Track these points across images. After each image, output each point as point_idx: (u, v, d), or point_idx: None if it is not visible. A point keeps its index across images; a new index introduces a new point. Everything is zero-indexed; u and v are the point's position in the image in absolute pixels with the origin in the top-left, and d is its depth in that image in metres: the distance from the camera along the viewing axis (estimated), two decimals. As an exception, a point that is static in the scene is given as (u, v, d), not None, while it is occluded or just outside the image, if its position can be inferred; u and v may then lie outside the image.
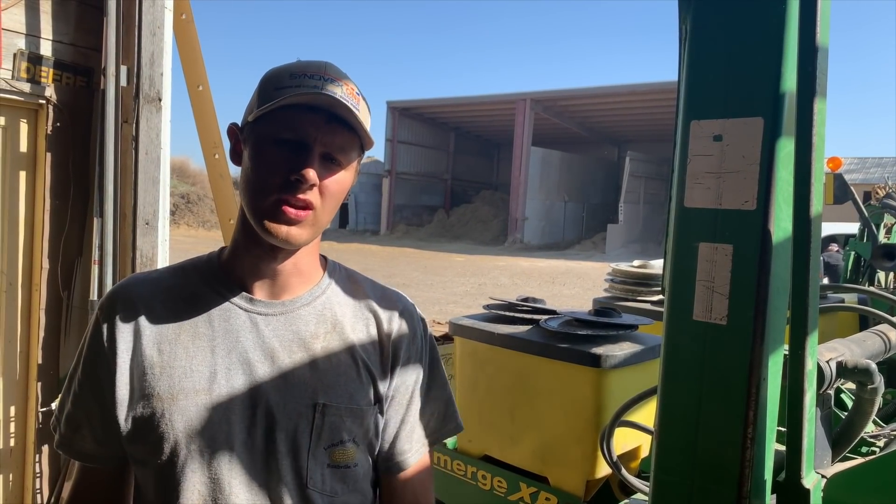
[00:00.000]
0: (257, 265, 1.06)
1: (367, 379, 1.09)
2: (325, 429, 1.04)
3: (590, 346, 1.77)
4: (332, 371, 1.06)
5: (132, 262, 2.80)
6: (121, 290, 1.07)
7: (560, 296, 15.48)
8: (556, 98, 29.56)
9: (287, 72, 1.01)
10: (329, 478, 1.05)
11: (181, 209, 35.73)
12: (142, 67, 2.74)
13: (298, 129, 0.98)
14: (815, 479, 1.00)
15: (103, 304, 1.06)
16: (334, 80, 1.00)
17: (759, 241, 0.96)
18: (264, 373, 1.03)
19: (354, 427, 1.07)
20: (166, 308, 1.05)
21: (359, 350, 1.09)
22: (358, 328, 1.11)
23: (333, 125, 0.99)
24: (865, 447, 1.73)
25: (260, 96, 1.01)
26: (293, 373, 1.04)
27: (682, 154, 1.04)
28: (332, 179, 1.01)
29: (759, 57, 0.96)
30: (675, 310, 1.03)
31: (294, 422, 1.03)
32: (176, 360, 1.01)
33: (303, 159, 0.98)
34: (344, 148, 1.02)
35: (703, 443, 1.00)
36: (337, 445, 1.05)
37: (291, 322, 1.07)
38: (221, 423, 1.00)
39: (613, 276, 2.79)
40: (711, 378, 0.99)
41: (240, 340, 1.04)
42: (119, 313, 1.04)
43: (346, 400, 1.06)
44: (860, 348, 1.65)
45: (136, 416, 1.01)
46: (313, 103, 0.98)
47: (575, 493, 1.81)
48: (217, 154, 3.11)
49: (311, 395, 1.04)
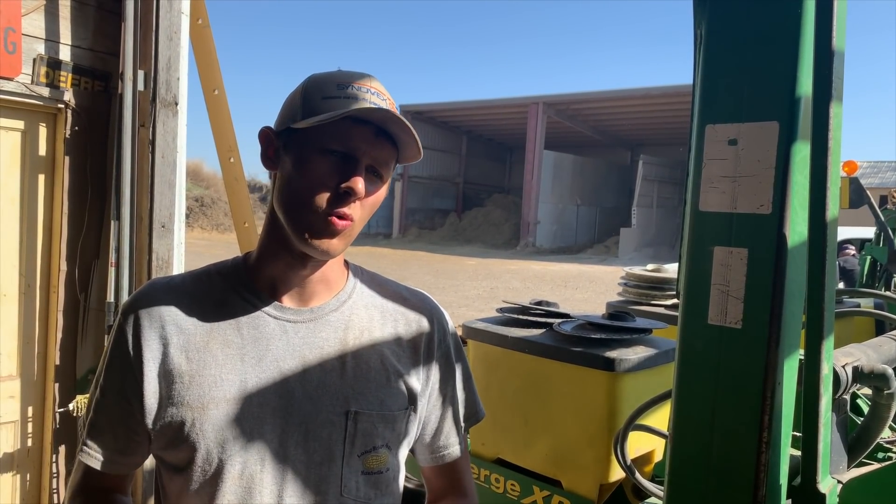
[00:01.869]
0: (286, 273, 1.05)
1: (398, 382, 1.09)
2: (358, 436, 1.04)
3: (603, 350, 1.77)
4: (362, 377, 1.06)
5: (148, 265, 2.83)
6: (144, 297, 1.05)
7: (572, 300, 15.44)
8: (568, 101, 29.51)
9: (333, 81, 1.00)
10: (363, 484, 1.05)
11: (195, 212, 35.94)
12: (158, 72, 2.76)
13: (348, 141, 0.98)
14: (830, 484, 0.99)
15: (126, 310, 1.05)
16: (379, 93, 1.01)
17: (774, 244, 0.96)
18: (296, 381, 1.02)
19: (387, 432, 1.07)
20: (193, 315, 1.03)
21: (388, 353, 1.10)
22: (386, 331, 1.11)
23: (381, 139, 0.99)
24: (882, 453, 1.72)
25: (305, 104, 1.00)
26: (324, 381, 1.04)
27: (696, 158, 1.04)
28: (373, 194, 1.02)
29: (774, 61, 0.96)
30: (689, 313, 1.03)
31: (327, 430, 1.02)
32: (205, 368, 1.00)
33: (352, 171, 0.97)
34: (388, 162, 1.02)
35: (717, 447, 1.00)
36: (370, 452, 1.06)
37: (320, 329, 1.06)
38: (253, 432, 1.00)
39: (627, 280, 2.78)
40: (726, 382, 0.99)
41: (270, 349, 1.03)
42: (144, 320, 1.02)
43: (377, 406, 1.06)
44: (876, 353, 1.64)
45: (164, 425, 1.00)
46: (369, 117, 0.98)
47: (588, 496, 1.81)
48: (232, 158, 3.14)
49: (343, 402, 1.04)
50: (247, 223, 3.15)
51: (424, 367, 1.13)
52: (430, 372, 1.14)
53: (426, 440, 1.18)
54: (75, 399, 2.78)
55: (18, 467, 2.88)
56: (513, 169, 38.44)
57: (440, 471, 1.21)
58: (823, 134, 0.91)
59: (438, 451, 1.19)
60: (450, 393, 1.18)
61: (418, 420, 1.13)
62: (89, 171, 2.86)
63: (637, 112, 28.74)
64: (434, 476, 1.22)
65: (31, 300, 2.86)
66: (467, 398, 1.21)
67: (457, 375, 1.19)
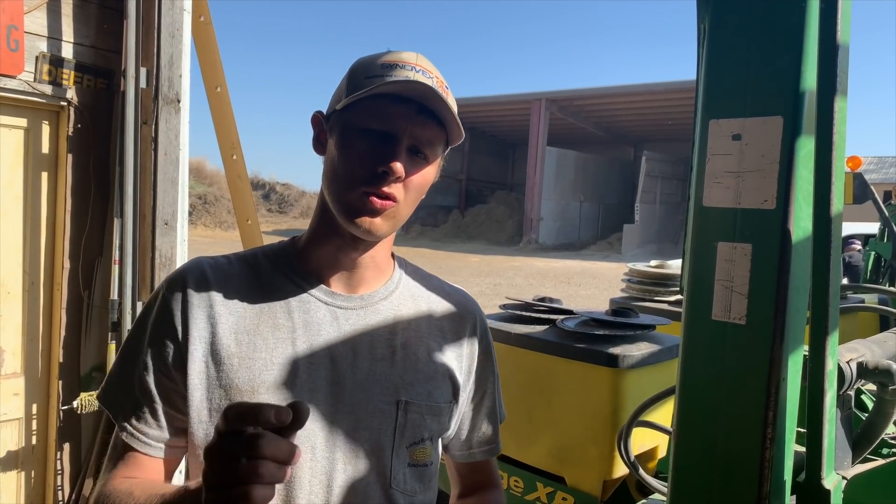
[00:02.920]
0: (336, 256, 1.03)
1: (445, 375, 1.09)
2: (407, 427, 1.03)
3: (607, 347, 1.77)
4: (411, 368, 1.05)
5: (151, 263, 2.83)
6: (191, 272, 1.01)
7: (576, 296, 15.43)
8: (571, 98, 29.45)
9: (378, 61, 0.98)
10: (409, 477, 1.04)
11: (198, 209, 35.98)
12: (161, 69, 2.77)
13: (387, 119, 0.95)
14: (835, 479, 0.99)
15: (172, 284, 1.00)
16: (425, 71, 0.97)
17: (778, 240, 0.95)
18: (346, 369, 1.00)
19: (433, 425, 1.07)
20: (240, 296, 1.00)
21: (434, 346, 1.09)
22: (432, 324, 1.11)
23: (423, 117, 0.97)
24: (886, 448, 1.71)
25: (349, 84, 0.98)
26: (375, 369, 1.02)
27: (700, 153, 1.03)
28: (417, 174, 0.99)
29: (778, 55, 0.96)
30: (693, 309, 1.02)
31: (377, 420, 1.01)
32: (256, 351, 0.97)
33: (390, 151, 0.95)
34: (432, 142, 0.99)
35: (721, 443, 1.00)
36: (417, 444, 1.04)
37: (370, 317, 1.04)
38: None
39: (630, 277, 2.78)
40: (730, 378, 0.99)
41: (321, 334, 1.00)
42: (192, 297, 0.98)
43: (425, 397, 1.05)
44: (881, 349, 1.64)
45: (211, 407, 0.96)
46: (405, 93, 0.95)
47: (592, 493, 1.81)
48: (235, 155, 3.14)
49: (394, 392, 1.02)
50: (250, 220, 3.15)
51: (467, 362, 1.13)
52: (471, 368, 1.14)
53: (463, 436, 1.17)
54: (79, 396, 2.79)
55: (23, 465, 2.89)
56: (516, 165, 38.40)
57: (475, 466, 1.21)
58: (828, 129, 0.91)
59: (476, 447, 1.19)
60: (489, 390, 1.18)
61: (458, 416, 1.13)
62: (92, 168, 2.87)
63: (640, 108, 28.66)
64: (468, 472, 1.22)
65: (34, 298, 2.87)
66: (497, 398, 1.22)
67: (495, 373, 1.20)
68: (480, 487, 1.21)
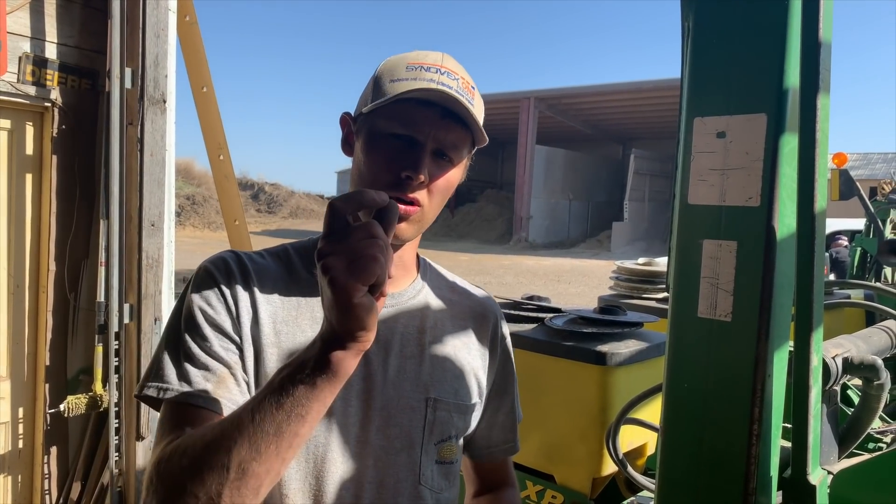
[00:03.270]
0: None
1: (471, 374, 1.10)
2: (436, 424, 1.04)
3: (595, 344, 1.77)
4: (439, 366, 1.06)
5: (138, 264, 2.81)
6: (235, 257, 1.00)
7: (566, 294, 15.46)
8: (560, 96, 29.50)
9: (403, 63, 0.98)
10: (436, 474, 1.05)
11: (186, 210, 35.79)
12: (146, 69, 2.75)
13: (412, 124, 0.96)
14: (821, 475, 0.99)
15: (215, 263, 0.97)
16: (450, 72, 0.98)
17: (763, 237, 0.95)
18: (378, 366, 1.01)
19: (459, 423, 1.08)
20: (277, 288, 0.99)
21: (460, 345, 1.11)
22: (457, 323, 1.12)
23: (447, 121, 0.97)
24: (872, 443, 1.73)
25: (375, 88, 0.98)
26: (404, 367, 1.03)
27: (685, 151, 1.04)
28: (442, 178, 0.99)
29: (761, 53, 0.96)
30: (679, 307, 1.03)
31: (408, 416, 1.02)
32: (295, 343, 0.96)
33: (415, 157, 0.95)
34: (457, 145, 1.00)
35: (708, 440, 1.00)
36: (445, 441, 1.06)
37: (400, 316, 1.06)
38: (338, 413, 0.97)
39: (618, 274, 2.78)
40: (716, 375, 0.99)
41: None
42: (238, 278, 0.97)
43: (452, 395, 1.06)
44: (866, 344, 1.65)
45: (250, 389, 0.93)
46: (428, 98, 0.95)
47: (581, 490, 1.81)
48: (222, 155, 3.12)
49: (423, 389, 1.03)
50: (237, 221, 3.14)
51: (489, 360, 1.15)
52: (493, 367, 1.16)
53: (483, 435, 1.19)
54: (66, 400, 2.77)
55: (10, 468, 2.87)
56: (505, 164, 38.42)
57: (493, 466, 1.23)
58: (811, 126, 0.91)
59: (497, 447, 1.21)
60: (509, 389, 1.21)
61: (480, 414, 1.15)
62: (77, 170, 2.84)
63: (628, 106, 28.75)
64: (486, 471, 1.24)
65: (20, 300, 2.84)
66: (516, 397, 1.24)
67: (514, 373, 1.22)
68: (498, 486, 1.24)
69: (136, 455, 2.81)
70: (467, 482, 1.26)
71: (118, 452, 2.81)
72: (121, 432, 2.81)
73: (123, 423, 2.81)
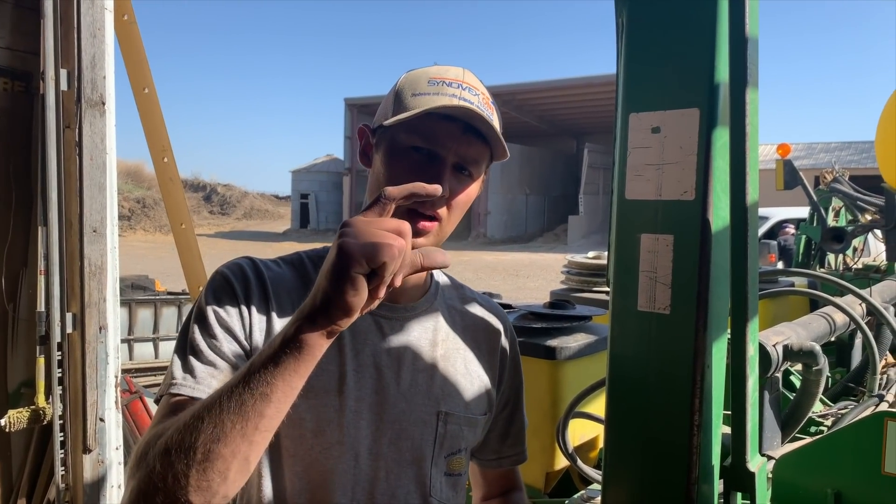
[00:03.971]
0: None
1: (481, 387, 1.11)
2: (447, 438, 1.05)
3: (544, 339, 1.78)
4: (450, 379, 1.06)
5: (80, 272, 2.72)
6: (251, 265, 0.99)
7: (524, 288, 15.58)
8: (513, 92, 29.67)
9: (425, 77, 0.99)
10: (445, 486, 1.06)
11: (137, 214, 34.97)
12: (83, 71, 2.65)
13: (434, 138, 0.96)
14: (760, 461, 1.01)
15: (232, 268, 0.97)
16: (472, 88, 0.99)
17: (698, 230, 0.97)
18: (391, 378, 1.01)
19: (469, 436, 1.09)
20: (291, 297, 0.99)
21: (470, 358, 1.11)
22: (468, 335, 1.12)
23: (469, 136, 0.97)
24: (814, 427, 1.78)
25: (396, 100, 0.98)
26: (417, 380, 1.03)
27: (622, 147, 1.05)
28: (462, 192, 1.00)
29: (693, 49, 0.97)
30: (619, 301, 1.04)
31: (419, 430, 1.02)
32: None
33: (436, 172, 0.95)
34: (476, 160, 1.00)
35: (651, 432, 1.01)
36: (455, 454, 1.07)
37: (413, 328, 1.06)
38: (350, 426, 0.97)
39: (569, 268, 2.81)
40: (657, 367, 1.01)
41: (367, 343, 1.01)
42: (254, 286, 0.96)
43: (463, 409, 1.07)
44: (806, 331, 1.70)
45: None
46: (453, 114, 0.95)
47: (535, 485, 1.82)
48: (166, 158, 3.05)
49: (435, 403, 1.04)
50: (184, 224, 3.07)
51: (499, 372, 1.16)
52: (503, 377, 1.17)
53: (493, 445, 1.20)
54: (7, 414, 2.67)
55: (-51, 488, 2.76)
56: (461, 160, 38.43)
57: (503, 473, 1.25)
58: (741, 119, 0.93)
59: (507, 457, 1.22)
60: (520, 401, 1.22)
61: (489, 427, 1.16)
62: (13, 175, 2.74)
63: (580, 101, 29.10)
64: (495, 477, 1.25)
65: (-45, 313, 2.73)
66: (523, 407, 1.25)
67: (522, 382, 1.23)
68: (505, 491, 1.26)
69: (84, 468, 2.72)
70: (474, 486, 1.28)
71: (64, 466, 2.72)
72: (66, 446, 2.72)
73: (69, 436, 2.73)
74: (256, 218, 43.63)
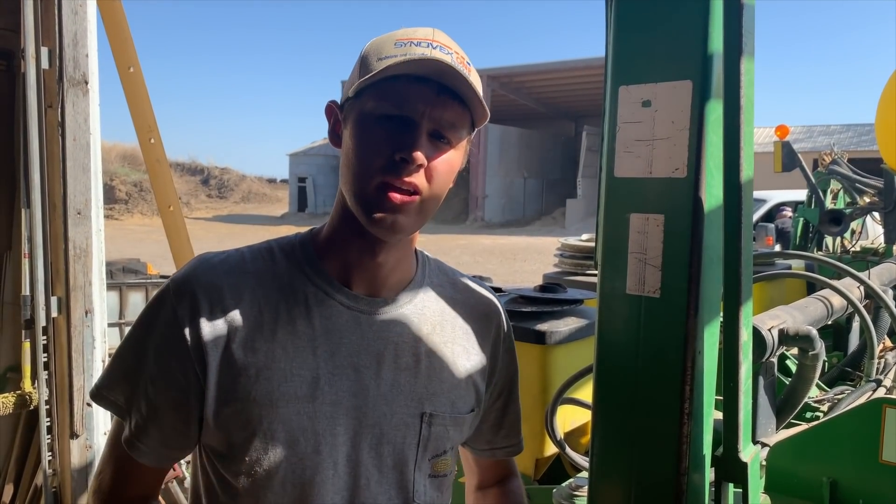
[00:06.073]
0: (358, 256, 0.95)
1: (469, 383, 1.04)
2: (431, 440, 0.99)
3: (534, 323, 1.74)
4: (435, 377, 1.00)
5: (65, 255, 2.67)
6: (201, 274, 0.93)
7: (521, 272, 15.56)
8: (512, 74, 29.50)
9: (391, 40, 0.91)
10: (429, 488, 1.01)
11: (134, 197, 34.88)
12: (64, 49, 2.59)
13: (404, 103, 0.88)
14: (752, 451, 0.97)
15: (178, 288, 0.91)
16: (443, 46, 0.90)
17: (690, 209, 0.92)
18: (370, 379, 0.94)
19: (455, 436, 1.03)
20: (257, 299, 0.92)
21: (459, 351, 1.04)
22: (457, 326, 1.05)
23: (444, 98, 0.89)
24: (810, 412, 1.74)
25: (362, 68, 0.90)
26: (399, 380, 0.97)
27: (611, 122, 1.00)
28: (440, 160, 0.92)
29: (685, 17, 0.92)
30: (608, 284, 0.99)
31: (402, 433, 0.96)
32: (274, 361, 0.90)
33: (409, 138, 0.88)
34: (454, 124, 0.92)
35: (639, 420, 0.97)
36: (440, 456, 1.01)
37: (395, 323, 0.98)
38: (325, 434, 0.91)
39: (562, 251, 2.76)
40: (647, 353, 0.96)
41: (343, 342, 0.94)
42: (202, 302, 0.90)
43: (449, 408, 1.00)
44: (802, 315, 1.65)
45: (227, 422, 0.90)
46: (422, 72, 0.87)
47: (525, 472, 1.79)
48: (152, 139, 2.99)
49: (418, 404, 0.97)
50: (172, 207, 3.02)
51: (490, 362, 1.09)
52: (495, 367, 1.10)
53: (487, 434, 1.15)
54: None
55: (-65, 474, 2.73)
56: (459, 144, 38.31)
57: (497, 462, 1.21)
58: (735, 91, 0.88)
59: (500, 446, 1.17)
60: (514, 390, 1.16)
61: (478, 421, 1.11)
62: (-6, 156, 2.69)
63: (579, 83, 28.92)
64: (489, 466, 1.21)
65: (-63, 297, 2.69)
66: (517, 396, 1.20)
67: (517, 372, 1.17)
68: (501, 478, 1.22)
69: (72, 453, 2.69)
70: (468, 473, 1.23)
71: (51, 452, 2.69)
72: (53, 431, 2.69)
73: (56, 421, 2.69)
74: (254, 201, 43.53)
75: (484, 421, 1.12)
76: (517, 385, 1.17)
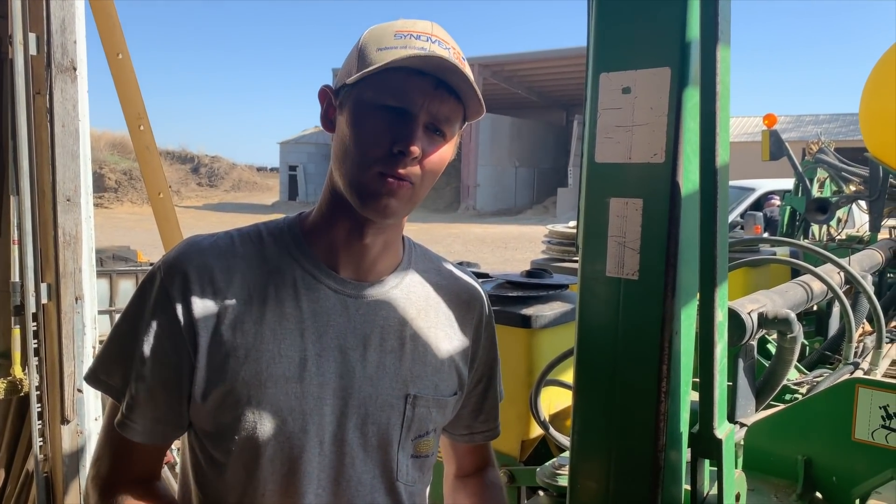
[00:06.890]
0: (347, 240, 0.98)
1: (452, 367, 1.07)
2: (414, 421, 1.02)
3: (520, 308, 1.77)
4: (420, 360, 1.02)
5: (54, 241, 2.67)
6: (191, 255, 0.95)
7: (513, 260, 15.60)
8: (503, 63, 29.43)
9: (391, 31, 0.93)
10: (411, 468, 1.04)
11: (124, 186, 34.66)
12: (52, 35, 2.58)
13: (403, 95, 0.90)
14: (728, 428, 1.00)
15: (170, 268, 0.94)
16: (441, 41, 0.93)
17: (668, 194, 0.94)
18: (356, 361, 0.97)
19: (438, 418, 1.06)
20: (246, 281, 0.95)
21: (442, 336, 1.07)
22: (441, 310, 1.08)
23: (441, 92, 0.92)
24: (789, 395, 1.78)
25: (360, 57, 0.92)
26: (384, 362, 0.99)
27: (592, 109, 1.02)
28: (435, 154, 0.94)
29: (664, 5, 0.94)
30: (588, 267, 1.01)
31: (386, 414, 0.99)
32: (262, 342, 0.92)
33: (407, 130, 0.90)
34: (450, 118, 0.95)
35: (618, 399, 1.00)
36: (422, 437, 1.04)
37: (381, 306, 1.00)
38: (313, 414, 0.94)
39: (550, 238, 2.79)
40: (625, 333, 0.99)
41: (330, 324, 0.96)
42: (194, 283, 0.92)
43: (432, 390, 1.03)
44: (782, 299, 1.69)
45: (216, 402, 0.92)
46: (422, 67, 0.90)
47: (511, 454, 1.82)
48: (142, 125, 2.98)
49: (402, 385, 1.00)
50: (161, 194, 3.02)
51: (472, 347, 1.12)
52: (477, 353, 1.13)
53: (466, 420, 1.17)
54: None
55: (-74, 459, 2.74)
56: (451, 132, 38.21)
57: (475, 448, 1.23)
58: (711, 78, 0.90)
59: (479, 430, 1.19)
60: (494, 376, 1.18)
61: (460, 405, 1.13)
62: (-18, 143, 2.68)
63: (571, 72, 28.87)
64: (467, 453, 1.23)
65: (-74, 284, 2.69)
66: (498, 381, 1.22)
67: (498, 358, 1.19)
68: (479, 467, 1.23)
69: (63, 439, 2.71)
70: (446, 461, 1.25)
71: (42, 437, 2.70)
72: (44, 416, 2.70)
73: (47, 406, 2.70)
74: (245, 190, 43.34)
75: (465, 406, 1.15)
76: (498, 371, 1.20)
